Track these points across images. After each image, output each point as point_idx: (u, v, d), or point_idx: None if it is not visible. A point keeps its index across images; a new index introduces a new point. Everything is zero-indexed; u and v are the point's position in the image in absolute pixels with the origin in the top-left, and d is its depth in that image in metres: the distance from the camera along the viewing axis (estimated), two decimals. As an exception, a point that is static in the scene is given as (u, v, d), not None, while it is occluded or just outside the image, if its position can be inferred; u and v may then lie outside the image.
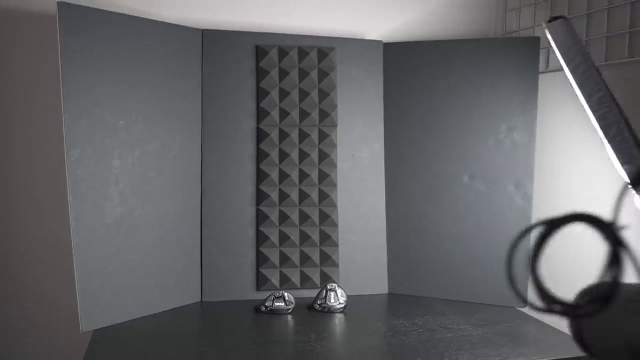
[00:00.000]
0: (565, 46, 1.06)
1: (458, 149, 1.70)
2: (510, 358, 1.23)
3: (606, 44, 1.49)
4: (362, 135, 1.74)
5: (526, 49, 1.67)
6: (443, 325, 1.44)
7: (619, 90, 1.41)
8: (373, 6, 1.83)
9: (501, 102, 1.68)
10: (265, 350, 1.28)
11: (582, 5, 1.58)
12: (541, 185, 1.67)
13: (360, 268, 1.71)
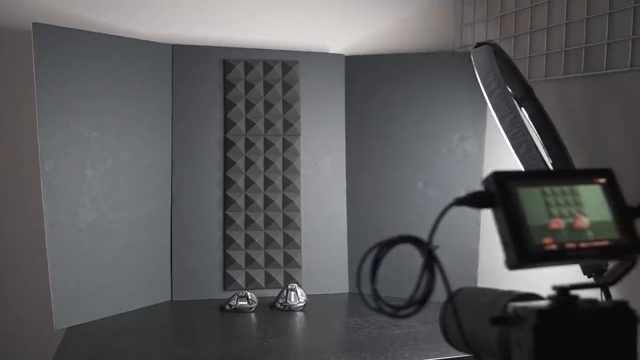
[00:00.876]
0: (485, 71, 1.18)
1: (414, 157, 1.81)
2: (447, 352, 1.35)
3: (546, 61, 1.61)
4: (324, 144, 1.85)
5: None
6: (393, 323, 1.55)
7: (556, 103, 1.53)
8: (336, 21, 1.94)
9: (454, 114, 1.79)
10: (228, 346, 1.39)
11: (525, 24, 1.70)
12: (490, 191, 1.79)
13: (321, 269, 1.83)
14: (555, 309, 0.49)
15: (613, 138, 1.42)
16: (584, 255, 0.51)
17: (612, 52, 1.41)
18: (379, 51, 1.97)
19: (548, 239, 0.50)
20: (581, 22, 1.49)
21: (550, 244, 0.50)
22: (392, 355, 1.33)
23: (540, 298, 0.55)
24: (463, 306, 0.59)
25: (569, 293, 0.50)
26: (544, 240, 0.50)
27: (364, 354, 1.33)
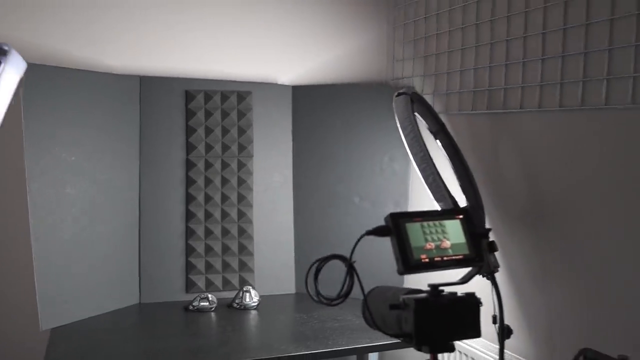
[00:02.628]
0: (403, 117, 1.50)
1: (351, 175, 2.12)
2: (377, 339, 1.65)
3: (459, 98, 1.95)
4: (274, 164, 2.13)
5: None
6: (333, 317, 1.85)
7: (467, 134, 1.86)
8: (285, 55, 2.22)
9: (385, 138, 2.10)
10: (193, 340, 1.65)
11: (444, 65, 2.03)
12: (414, 203, 2.11)
13: (272, 272, 2.10)
14: (427, 298, 0.79)
15: (508, 167, 1.76)
16: (446, 265, 0.80)
17: (507, 95, 1.75)
18: (322, 82, 2.27)
19: (424, 255, 0.79)
20: (485, 69, 1.84)
21: (425, 259, 0.79)
22: (333, 342, 1.62)
23: (422, 291, 0.84)
24: (377, 298, 0.87)
25: (437, 288, 0.80)
26: (421, 256, 0.79)
27: (309, 343, 1.62)
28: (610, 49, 1.42)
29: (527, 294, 1.65)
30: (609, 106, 1.43)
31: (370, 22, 2.33)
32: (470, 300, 0.81)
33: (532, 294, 1.64)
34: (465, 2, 1.92)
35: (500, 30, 1.77)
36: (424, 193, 2.07)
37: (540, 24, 1.63)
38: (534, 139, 1.67)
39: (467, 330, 0.80)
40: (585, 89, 1.49)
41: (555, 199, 1.58)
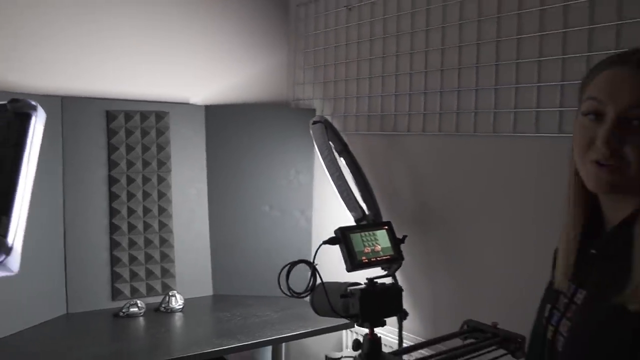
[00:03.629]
0: (320, 142, 1.80)
1: (262, 186, 2.37)
2: (297, 329, 1.93)
3: (356, 120, 2.29)
4: (190, 178, 2.32)
5: (308, 115, 2.40)
6: (253, 314, 2.09)
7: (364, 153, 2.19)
8: (197, 77, 2.42)
9: (291, 153, 2.39)
10: (127, 344, 1.81)
11: (342, 91, 2.36)
12: (318, 212, 2.41)
13: (191, 277, 2.29)
14: (367, 288, 1.08)
15: (399, 181, 2.13)
16: (379, 264, 1.10)
17: (397, 120, 2.12)
18: (232, 101, 2.50)
19: (364, 257, 1.08)
20: (377, 97, 2.19)
21: (365, 259, 1.08)
22: (258, 335, 1.87)
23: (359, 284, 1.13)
24: (330, 289, 1.14)
25: (373, 280, 1.09)
26: (362, 257, 1.08)
27: (238, 336, 1.85)
28: (476, 89, 1.83)
29: (417, 283, 2.02)
30: (477, 134, 1.83)
31: (274, 48, 2.61)
32: (396, 288, 1.12)
33: (420, 284, 2.01)
34: (359, 39, 2.26)
35: (390, 65, 2.14)
36: (326, 202, 2.39)
37: (422, 64, 2.01)
38: (419, 157, 2.05)
39: (394, 309, 1.11)
40: (459, 119, 1.89)
41: (437, 207, 1.97)
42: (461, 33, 1.87)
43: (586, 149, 0.90)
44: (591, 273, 0.94)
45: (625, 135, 0.85)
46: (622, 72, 0.87)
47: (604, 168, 0.87)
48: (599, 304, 0.89)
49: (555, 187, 1.62)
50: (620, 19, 1.47)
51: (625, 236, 0.87)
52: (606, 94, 0.87)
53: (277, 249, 2.36)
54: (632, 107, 0.84)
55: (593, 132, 0.88)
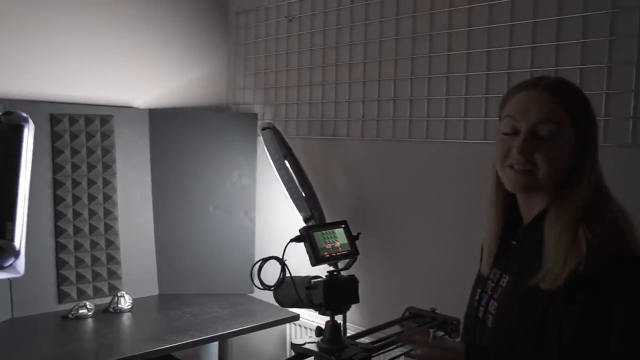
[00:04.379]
0: (270, 147, 1.92)
1: (206, 188, 2.45)
2: (246, 324, 2.04)
3: (296, 124, 2.42)
4: (135, 180, 2.37)
5: (249, 119, 2.51)
6: (203, 311, 2.18)
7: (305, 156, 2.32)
8: (141, 81, 2.46)
9: (234, 156, 2.48)
10: (79, 344, 1.85)
11: (282, 97, 2.48)
12: (261, 212, 2.53)
13: (138, 278, 2.34)
14: (329, 280, 1.22)
15: (338, 182, 2.28)
16: (339, 259, 1.24)
17: (337, 125, 2.27)
18: (175, 105, 2.56)
19: (326, 253, 1.22)
20: (318, 103, 2.33)
21: (327, 255, 1.22)
22: (211, 330, 1.97)
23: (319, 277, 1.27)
24: (295, 282, 1.26)
25: (333, 273, 1.23)
26: (324, 253, 1.22)
27: (191, 332, 1.94)
28: (411, 99, 2.02)
29: (359, 277, 2.18)
30: (412, 139, 2.02)
31: (215, 54, 2.69)
32: (353, 280, 1.27)
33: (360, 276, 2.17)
34: (300, 49, 2.40)
35: (330, 74, 2.29)
36: (269, 204, 2.51)
37: (361, 74, 2.17)
38: (358, 160, 2.22)
39: (352, 299, 1.26)
40: (395, 125, 2.07)
41: (376, 207, 2.14)
42: (397, 47, 2.05)
43: (505, 156, 1.09)
44: (512, 261, 1.13)
45: (535, 146, 1.04)
46: (532, 95, 1.06)
47: (519, 172, 1.06)
48: (519, 286, 1.07)
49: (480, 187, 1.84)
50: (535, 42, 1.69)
51: (538, 230, 1.06)
52: (520, 112, 1.07)
53: (222, 248, 2.45)
54: (540, 122, 1.04)
55: (510, 143, 1.07)
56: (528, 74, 1.70)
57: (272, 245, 2.49)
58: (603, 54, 1.57)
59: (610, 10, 1.55)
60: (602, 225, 0.99)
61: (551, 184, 1.06)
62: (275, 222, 2.51)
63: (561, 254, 0.99)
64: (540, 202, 1.09)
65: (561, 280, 0.97)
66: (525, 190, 1.09)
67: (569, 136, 1.04)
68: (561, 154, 1.04)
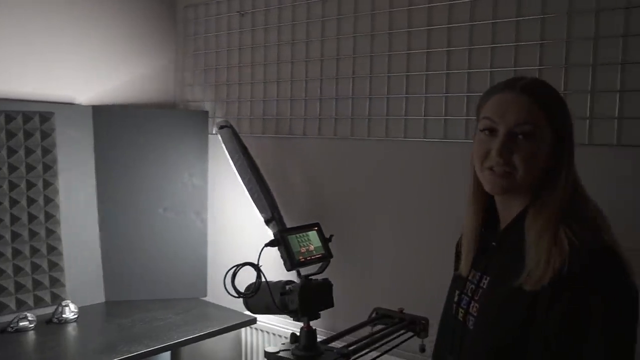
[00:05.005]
0: (229, 147, 1.85)
1: (156, 189, 2.35)
2: (203, 329, 1.97)
3: (250, 123, 2.35)
4: (79, 181, 2.23)
5: (200, 117, 2.42)
6: (155, 318, 2.08)
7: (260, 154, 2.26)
8: (83, 76, 2.31)
9: (184, 156, 2.39)
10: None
11: (235, 94, 2.41)
12: (213, 213, 2.44)
13: (83, 285, 2.20)
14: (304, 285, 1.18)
15: (294, 181, 2.24)
16: (313, 262, 1.20)
17: (292, 124, 2.22)
18: (120, 102, 2.43)
19: (301, 256, 1.18)
20: (273, 101, 2.28)
21: (302, 259, 1.18)
22: (167, 338, 1.88)
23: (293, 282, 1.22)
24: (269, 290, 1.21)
25: (308, 277, 1.19)
26: (300, 257, 1.17)
27: (146, 341, 1.84)
28: (370, 97, 2.00)
29: (315, 278, 2.15)
30: (370, 138, 2.00)
31: (162, 49, 2.58)
32: (327, 283, 1.23)
33: (318, 278, 2.14)
34: (253, 45, 2.33)
35: (286, 72, 2.24)
36: (221, 204, 2.44)
37: (318, 72, 2.14)
38: (315, 160, 2.18)
39: (327, 303, 1.22)
40: (353, 124, 2.05)
41: (334, 207, 2.11)
42: (355, 44, 2.03)
43: (483, 158, 1.08)
44: (493, 262, 1.13)
45: (514, 147, 1.04)
46: (509, 96, 1.07)
47: (498, 174, 1.06)
48: (501, 287, 1.07)
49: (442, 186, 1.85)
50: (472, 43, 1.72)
51: (518, 230, 1.07)
52: (497, 114, 1.07)
53: (172, 251, 2.35)
54: (518, 125, 1.04)
55: (488, 145, 1.07)
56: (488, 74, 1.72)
57: (226, 247, 2.42)
58: (588, 54, 1.58)
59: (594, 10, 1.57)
60: (582, 224, 1.01)
61: (529, 184, 1.06)
62: (228, 223, 2.44)
63: (544, 254, 1.00)
64: (519, 202, 1.09)
65: (546, 280, 0.98)
66: (504, 191, 1.09)
67: (546, 136, 1.05)
68: (539, 155, 1.05)
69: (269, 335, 2.23)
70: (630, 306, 0.96)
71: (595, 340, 0.95)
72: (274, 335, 2.21)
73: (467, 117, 1.78)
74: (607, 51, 1.54)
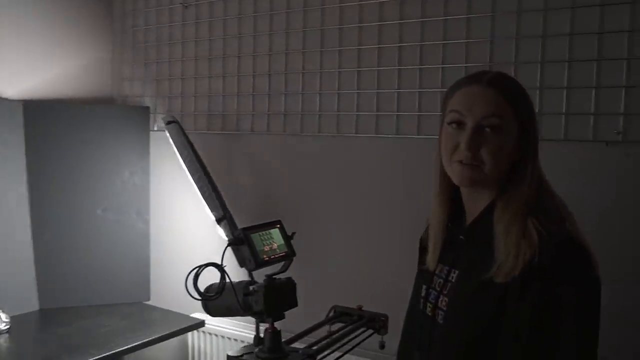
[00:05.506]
0: (178, 143, 1.77)
1: (94, 189, 2.22)
2: (149, 334, 1.87)
3: (194, 119, 2.27)
4: (8, 182, 2.07)
5: (140, 113, 2.31)
6: (97, 324, 1.96)
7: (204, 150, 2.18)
8: (12, 69, 2.15)
9: (124, 153, 2.27)
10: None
11: (178, 89, 2.32)
12: (156, 213, 2.34)
13: (14, 293, 2.05)
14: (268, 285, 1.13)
15: (243, 178, 2.18)
16: (277, 261, 1.16)
17: (240, 120, 2.16)
18: (53, 96, 2.28)
19: (265, 255, 1.13)
20: (218, 97, 2.21)
21: (266, 257, 1.13)
22: (112, 345, 1.78)
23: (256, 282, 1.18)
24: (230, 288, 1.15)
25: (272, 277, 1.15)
26: (264, 256, 1.13)
27: (90, 350, 1.73)
28: (320, 93, 1.98)
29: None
30: (321, 134, 1.98)
31: (98, 41, 2.44)
32: (291, 282, 1.20)
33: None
34: (197, 38, 2.25)
35: (232, 66, 2.17)
36: (164, 203, 2.34)
37: (266, 67, 2.09)
38: (264, 157, 2.13)
39: (291, 302, 1.18)
40: (303, 120, 2.02)
41: (286, 205, 2.07)
42: (305, 39, 2.00)
43: (452, 151, 1.08)
44: (461, 255, 1.13)
45: (481, 141, 1.05)
46: (476, 89, 1.07)
47: (466, 167, 1.06)
48: (470, 280, 1.08)
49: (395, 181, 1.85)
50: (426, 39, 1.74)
51: (486, 223, 1.07)
52: (465, 107, 1.07)
53: (113, 254, 2.23)
54: (485, 118, 1.05)
55: (456, 139, 1.07)
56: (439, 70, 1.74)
57: (171, 248, 2.33)
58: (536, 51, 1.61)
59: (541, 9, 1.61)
60: (549, 217, 1.02)
61: (497, 177, 1.07)
62: (172, 224, 2.35)
63: (513, 247, 1.00)
64: (486, 195, 1.10)
65: (516, 272, 0.98)
66: (473, 184, 1.09)
67: (513, 129, 1.05)
68: (506, 148, 1.05)
69: (217, 338, 2.16)
70: (597, 297, 0.99)
71: (566, 330, 0.96)
72: (223, 338, 2.14)
73: (420, 113, 1.79)
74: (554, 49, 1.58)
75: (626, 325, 1.46)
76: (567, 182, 1.12)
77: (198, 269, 1.05)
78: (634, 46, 1.48)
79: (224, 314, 1.23)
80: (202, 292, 1.07)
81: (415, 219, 1.32)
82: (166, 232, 2.34)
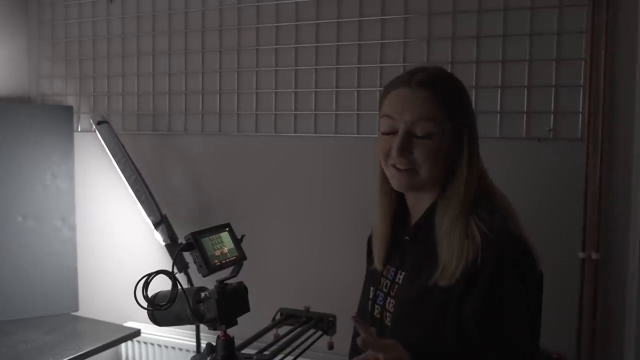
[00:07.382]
0: (111, 145, 1.68)
1: (12, 194, 2.06)
2: (81, 347, 1.77)
3: (122, 119, 2.16)
4: None
5: (63, 112, 2.17)
6: (19, 340, 1.83)
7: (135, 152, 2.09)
8: None
9: (45, 155, 2.13)
10: None
11: (103, 88, 2.20)
12: (83, 218, 2.20)
13: None
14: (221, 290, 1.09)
15: (177, 179, 2.10)
16: (229, 265, 1.12)
17: (172, 119, 2.08)
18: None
19: (216, 260, 1.09)
20: (148, 96, 2.12)
21: (217, 262, 1.09)
22: (40, 363, 1.66)
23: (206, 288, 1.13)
24: (181, 296, 1.10)
25: (223, 282, 1.11)
26: (215, 261, 1.09)
27: (15, 369, 1.61)
28: (257, 92, 1.94)
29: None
30: (259, 133, 1.95)
31: (11, 34, 2.27)
32: (242, 287, 1.16)
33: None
34: (124, 35, 2.15)
35: (163, 64, 2.09)
36: (91, 208, 2.22)
37: (199, 66, 2.03)
38: (198, 158, 2.07)
39: (243, 308, 1.15)
40: (239, 120, 1.97)
41: (224, 207, 2.02)
42: (240, 37, 1.95)
43: (387, 155, 1.06)
44: (407, 256, 1.13)
45: (414, 145, 1.03)
46: (406, 92, 1.04)
47: (402, 172, 1.05)
48: (416, 282, 1.07)
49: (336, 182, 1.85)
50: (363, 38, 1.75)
51: (430, 224, 1.07)
52: (395, 111, 1.05)
53: (36, 263, 2.09)
54: (416, 122, 1.02)
55: (389, 143, 1.05)
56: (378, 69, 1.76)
57: (99, 256, 2.21)
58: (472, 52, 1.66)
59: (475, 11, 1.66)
60: (491, 214, 1.01)
61: (436, 178, 1.05)
62: (101, 229, 2.23)
63: (456, 249, 1.00)
64: (429, 196, 1.08)
65: (459, 274, 0.98)
66: (410, 189, 1.08)
67: (447, 130, 1.03)
68: (441, 150, 1.03)
69: (154, 347, 2.08)
70: (540, 292, 1.02)
71: (511, 326, 0.98)
72: (160, 347, 2.06)
73: (358, 112, 1.80)
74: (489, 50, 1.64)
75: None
76: (503, 178, 1.15)
77: (148, 277, 1.00)
78: (562, 48, 1.56)
79: (172, 323, 1.17)
80: (153, 302, 1.02)
81: (359, 218, 1.32)
82: (94, 238, 2.22)
